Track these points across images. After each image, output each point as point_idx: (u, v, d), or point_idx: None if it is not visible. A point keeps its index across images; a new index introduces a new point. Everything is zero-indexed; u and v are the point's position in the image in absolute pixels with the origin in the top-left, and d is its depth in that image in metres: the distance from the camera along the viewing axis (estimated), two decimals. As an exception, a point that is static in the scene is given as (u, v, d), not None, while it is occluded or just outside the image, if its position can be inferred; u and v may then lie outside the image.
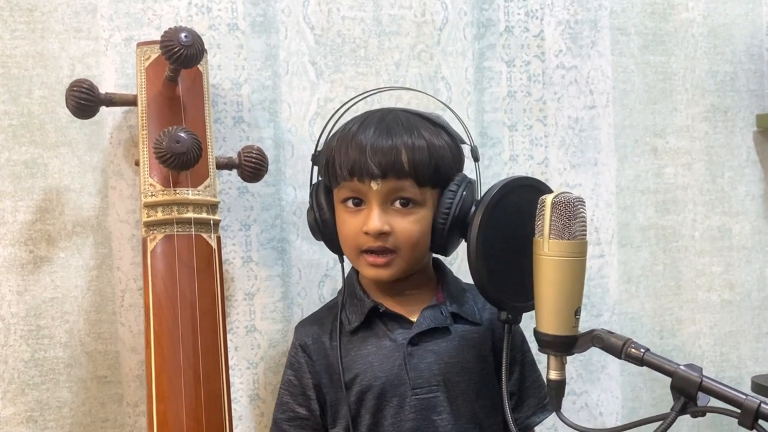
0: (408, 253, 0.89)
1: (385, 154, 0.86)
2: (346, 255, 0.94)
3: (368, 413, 0.91)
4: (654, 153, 1.26)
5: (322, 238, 0.95)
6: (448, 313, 0.94)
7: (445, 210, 0.88)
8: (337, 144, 0.90)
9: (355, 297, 0.95)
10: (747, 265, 1.31)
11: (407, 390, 0.90)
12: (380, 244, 0.88)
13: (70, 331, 1.03)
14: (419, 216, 0.89)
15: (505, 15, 1.18)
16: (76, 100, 0.90)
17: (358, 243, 0.89)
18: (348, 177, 0.87)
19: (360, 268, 0.93)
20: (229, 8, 1.07)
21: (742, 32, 1.29)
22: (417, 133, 0.88)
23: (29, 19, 1.00)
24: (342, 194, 0.90)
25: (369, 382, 0.90)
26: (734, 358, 1.31)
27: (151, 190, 0.88)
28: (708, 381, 0.72)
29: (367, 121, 0.90)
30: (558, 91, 1.21)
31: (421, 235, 0.89)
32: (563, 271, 0.79)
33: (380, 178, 0.86)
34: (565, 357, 0.82)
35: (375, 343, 0.92)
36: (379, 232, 0.87)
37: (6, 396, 1.01)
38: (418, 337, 0.92)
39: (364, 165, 0.86)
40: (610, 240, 1.24)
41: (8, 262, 1.01)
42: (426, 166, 0.87)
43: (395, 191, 0.88)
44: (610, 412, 1.25)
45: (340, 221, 0.92)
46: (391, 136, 0.87)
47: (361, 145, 0.87)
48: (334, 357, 0.92)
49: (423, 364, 0.91)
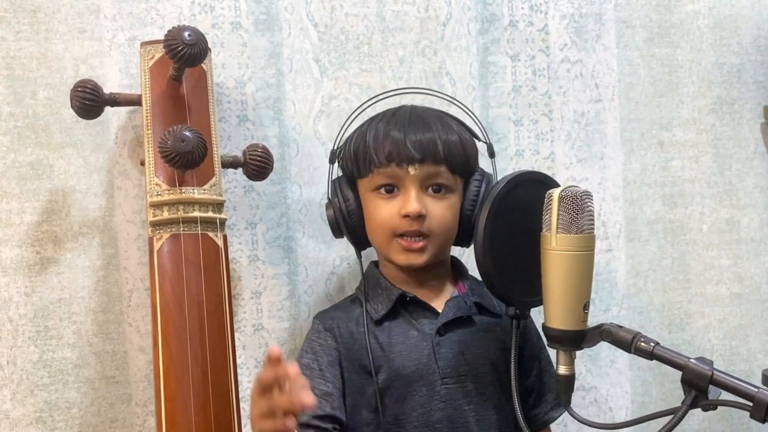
0: (440, 238, 0.93)
1: (423, 141, 0.90)
2: (376, 243, 0.95)
3: (394, 402, 0.91)
4: (661, 146, 1.25)
5: (347, 231, 0.96)
6: (472, 303, 0.96)
7: (473, 197, 0.94)
8: (371, 135, 0.92)
9: (379, 287, 0.96)
10: (756, 258, 1.30)
11: (437, 379, 0.91)
12: (416, 227, 0.90)
13: (77, 332, 1.03)
14: (451, 202, 0.93)
15: (509, 9, 1.18)
16: (80, 100, 0.89)
17: (393, 227, 0.91)
18: (386, 162, 0.90)
19: (391, 254, 0.93)
20: (233, 6, 1.07)
21: (749, 23, 1.28)
22: (448, 127, 0.93)
23: (33, 21, 1.00)
24: (375, 181, 0.92)
25: (398, 371, 0.91)
26: (744, 352, 1.31)
27: (156, 190, 0.88)
28: (719, 374, 0.72)
29: (399, 114, 0.94)
30: (563, 85, 1.20)
31: (453, 221, 0.93)
32: (571, 266, 0.79)
33: (418, 163, 0.89)
34: (574, 352, 0.82)
35: (402, 333, 0.93)
36: (419, 213, 0.89)
37: (15, 397, 1.01)
38: (445, 327, 0.93)
39: (403, 149, 0.89)
40: (617, 234, 1.24)
41: (15, 264, 1.01)
42: (459, 155, 0.92)
43: (431, 177, 0.91)
44: (619, 406, 1.24)
45: (372, 207, 0.93)
46: (427, 126, 0.92)
47: (399, 134, 0.90)
48: (360, 343, 0.93)
49: (451, 354, 0.92)
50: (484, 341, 0.94)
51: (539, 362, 1.00)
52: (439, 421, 0.90)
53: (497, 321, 0.97)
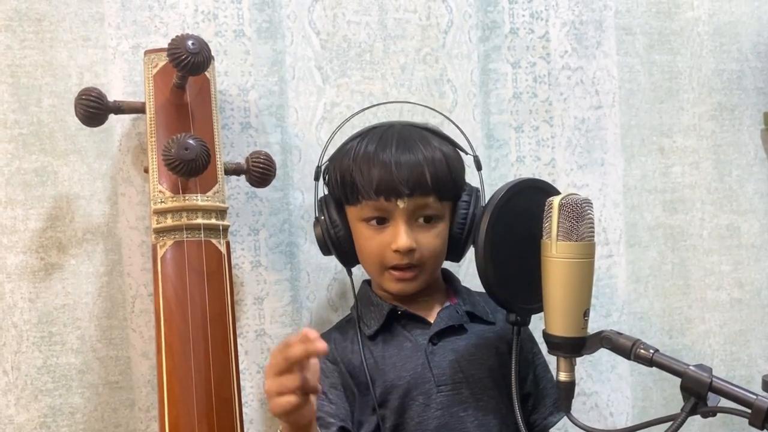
0: (431, 266, 0.94)
1: (411, 172, 0.88)
2: (368, 271, 0.97)
3: (393, 414, 0.91)
4: (661, 152, 1.26)
5: (335, 253, 0.96)
6: (464, 312, 0.97)
7: (461, 221, 0.93)
8: (356, 163, 0.91)
9: (371, 304, 0.97)
10: (756, 263, 1.31)
11: (432, 387, 0.91)
12: (407, 261, 0.90)
13: (81, 338, 1.04)
14: (440, 229, 0.93)
15: (510, 17, 1.18)
16: (84, 108, 0.90)
17: (384, 260, 0.92)
18: (374, 196, 0.89)
19: (384, 283, 0.94)
20: (235, 15, 1.07)
21: (748, 30, 1.29)
22: (432, 146, 0.91)
23: (38, 29, 1.01)
24: (364, 213, 0.92)
25: (393, 382, 0.91)
26: (745, 357, 1.31)
27: (160, 197, 0.89)
28: (718, 381, 0.72)
29: (384, 138, 0.91)
30: (564, 91, 1.21)
31: (442, 247, 0.94)
32: (571, 273, 0.80)
33: (407, 197, 0.88)
34: (574, 358, 0.83)
35: (396, 345, 0.94)
36: (409, 248, 0.89)
37: (19, 402, 1.02)
38: (438, 337, 0.94)
39: (391, 184, 0.88)
40: (618, 240, 1.24)
41: (20, 270, 1.01)
42: (446, 180, 0.91)
43: (420, 208, 0.91)
44: (620, 412, 1.25)
45: (362, 238, 0.93)
46: (413, 152, 0.89)
47: (386, 163, 0.88)
48: (356, 361, 0.93)
49: (445, 362, 0.93)
50: (479, 348, 0.95)
51: (534, 367, 1.00)
52: (437, 428, 0.90)
53: (491, 328, 0.97)
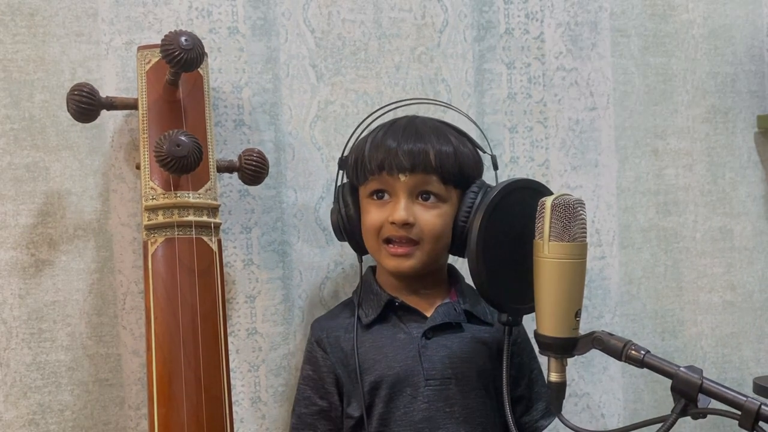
0: (429, 245, 0.93)
1: (414, 151, 0.91)
2: (367, 247, 0.97)
3: (381, 402, 0.93)
4: (655, 154, 1.26)
5: (346, 235, 0.98)
6: (462, 311, 0.97)
7: (467, 209, 0.93)
8: (368, 145, 0.94)
9: (371, 293, 0.98)
10: (749, 266, 1.31)
11: (420, 380, 0.93)
12: (403, 233, 0.92)
13: (71, 334, 1.03)
14: (442, 211, 0.94)
15: (505, 17, 1.18)
16: (77, 103, 0.90)
17: (381, 231, 0.93)
18: (377, 171, 0.92)
19: (381, 259, 0.95)
20: (230, 12, 1.07)
21: (743, 33, 1.29)
22: (444, 138, 0.94)
23: (30, 24, 1.00)
24: (369, 188, 0.95)
25: (383, 372, 0.93)
26: (736, 360, 1.31)
27: (152, 194, 0.88)
28: (708, 383, 0.72)
29: (397, 125, 0.96)
30: (558, 92, 1.21)
31: (444, 230, 0.94)
32: (563, 273, 0.80)
33: (408, 171, 0.91)
34: (565, 359, 0.83)
35: (390, 336, 0.95)
36: (404, 221, 0.91)
37: (8, 399, 1.01)
38: (432, 332, 0.95)
39: (394, 158, 0.91)
40: (611, 241, 1.24)
41: (10, 266, 1.01)
42: (452, 165, 0.93)
43: (421, 184, 0.92)
44: (612, 413, 1.25)
45: (366, 213, 0.95)
46: (421, 137, 0.93)
47: (392, 144, 0.92)
48: (349, 349, 0.95)
49: (436, 357, 0.94)
50: (472, 348, 0.96)
51: (530, 372, 1.01)
52: (421, 421, 0.92)
53: (488, 329, 0.98)
